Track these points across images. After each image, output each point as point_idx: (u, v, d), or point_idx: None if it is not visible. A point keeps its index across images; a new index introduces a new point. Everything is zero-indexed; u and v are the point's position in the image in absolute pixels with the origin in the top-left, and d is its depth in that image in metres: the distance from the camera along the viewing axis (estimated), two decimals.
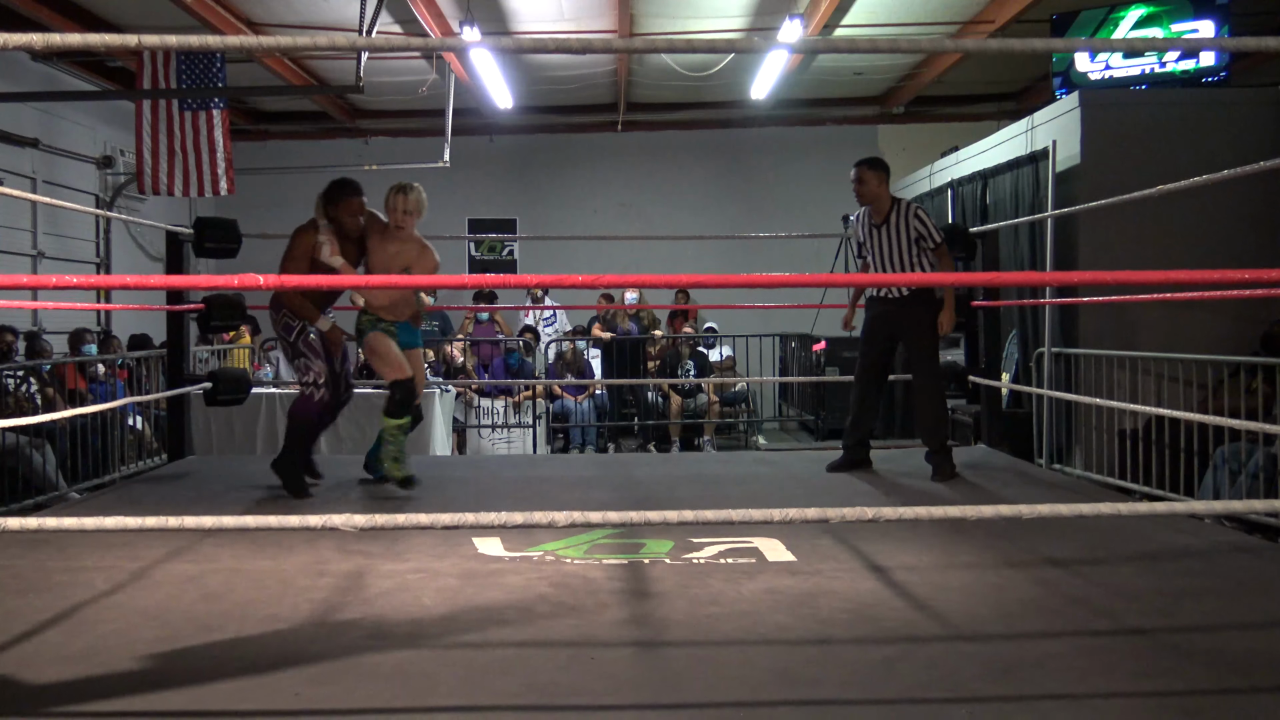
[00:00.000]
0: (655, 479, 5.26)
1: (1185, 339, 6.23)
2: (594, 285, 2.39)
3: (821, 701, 2.28)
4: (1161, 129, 6.83)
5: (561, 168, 12.35)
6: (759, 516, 2.37)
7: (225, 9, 7.85)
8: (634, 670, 2.47)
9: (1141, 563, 3.38)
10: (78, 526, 2.22)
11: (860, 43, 2.41)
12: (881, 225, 5.02)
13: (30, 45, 2.07)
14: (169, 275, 5.66)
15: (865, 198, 5.04)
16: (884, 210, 5.02)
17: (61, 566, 3.35)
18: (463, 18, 7.80)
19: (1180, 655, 2.54)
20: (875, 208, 5.05)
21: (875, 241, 5.04)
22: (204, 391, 5.51)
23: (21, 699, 2.29)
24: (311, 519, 2.32)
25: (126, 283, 2.18)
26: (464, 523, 2.37)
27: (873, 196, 5.03)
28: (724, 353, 10.14)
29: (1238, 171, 3.55)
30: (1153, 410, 4.91)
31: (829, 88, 11.05)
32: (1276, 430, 3.92)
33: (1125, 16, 7.44)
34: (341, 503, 4.46)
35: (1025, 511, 2.21)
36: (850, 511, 2.31)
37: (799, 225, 10.66)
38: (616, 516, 2.30)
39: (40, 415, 4.70)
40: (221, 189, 8.19)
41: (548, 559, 3.48)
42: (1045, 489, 4.91)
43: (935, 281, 4.85)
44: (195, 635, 2.68)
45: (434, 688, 2.35)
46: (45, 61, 9.07)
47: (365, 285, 4.54)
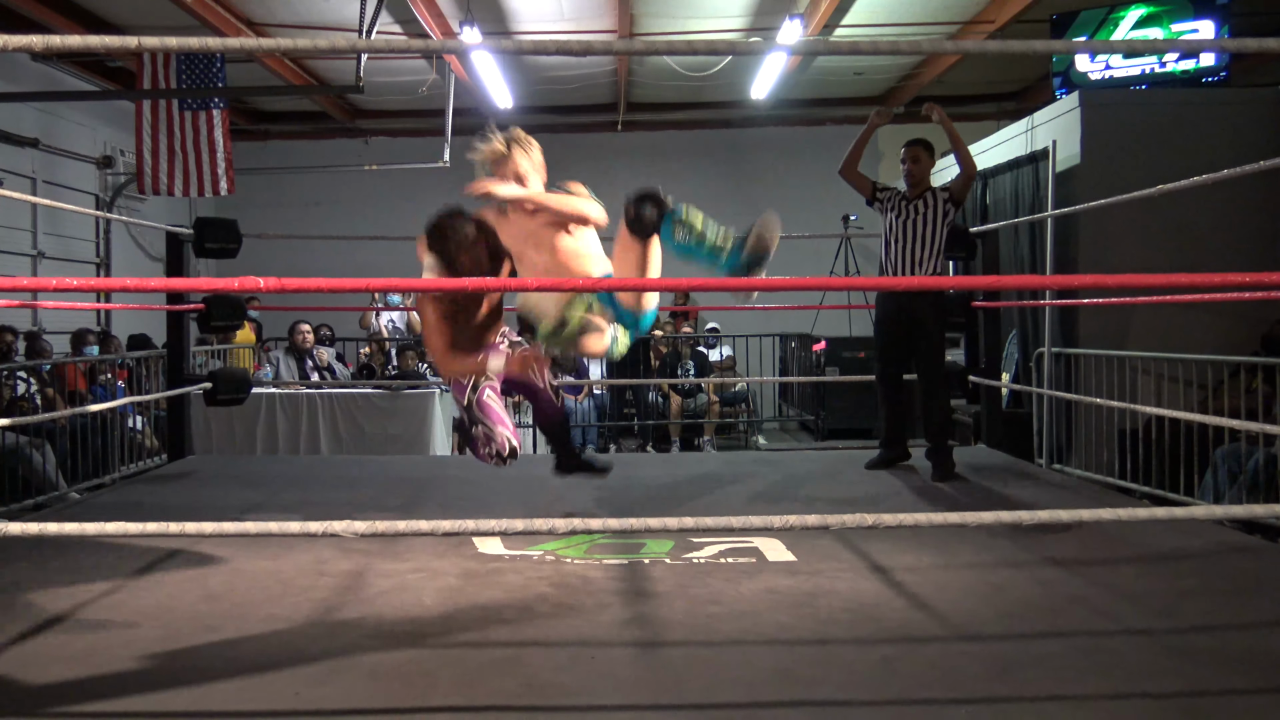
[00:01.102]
0: (655, 479, 5.26)
1: (1185, 339, 6.24)
2: (594, 288, 2.40)
3: (821, 702, 2.28)
4: (1161, 129, 6.83)
5: (561, 168, 12.23)
6: (759, 523, 2.36)
7: (225, 9, 7.85)
8: (634, 670, 2.47)
9: (1141, 563, 3.38)
10: (78, 532, 2.22)
11: (860, 45, 2.42)
12: (916, 200, 5.06)
13: (30, 46, 2.07)
14: (169, 278, 5.66)
15: (916, 175, 5.10)
16: (921, 189, 5.09)
17: (61, 566, 3.35)
18: (463, 18, 7.80)
19: (1180, 655, 2.54)
20: (914, 184, 5.10)
21: (907, 217, 5.05)
22: (204, 391, 5.51)
23: (21, 699, 2.29)
24: (312, 525, 2.32)
25: (126, 285, 2.18)
26: (464, 529, 2.37)
27: (922, 175, 5.10)
28: (724, 353, 10.14)
29: (1238, 171, 3.55)
30: (1153, 410, 4.91)
31: (829, 88, 11.05)
32: (1276, 430, 3.92)
33: (1125, 17, 7.44)
34: (343, 504, 4.46)
35: (1025, 518, 2.21)
36: (850, 518, 2.31)
37: (799, 225, 10.57)
38: (616, 523, 2.30)
39: (40, 415, 4.69)
40: (221, 189, 8.20)
41: (548, 559, 3.48)
42: (1045, 489, 4.91)
43: (944, 284, 4.88)
44: (195, 635, 2.68)
45: (434, 687, 2.35)
46: (45, 61, 9.07)
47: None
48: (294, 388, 7.75)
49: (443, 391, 8.01)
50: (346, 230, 11.53)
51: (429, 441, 7.56)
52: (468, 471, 5.76)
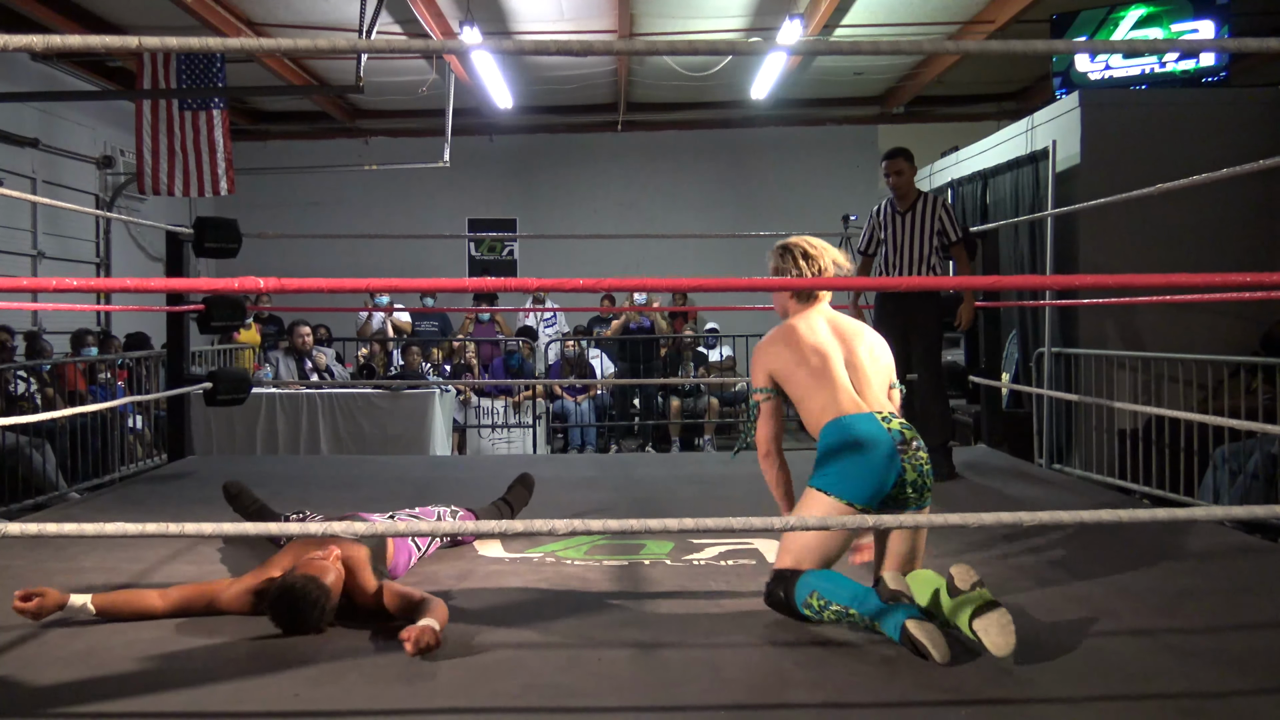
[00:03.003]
0: (655, 479, 5.26)
1: (1185, 339, 6.23)
2: (594, 289, 2.40)
3: (821, 704, 2.28)
4: (1161, 129, 6.83)
5: (561, 168, 12.34)
6: (759, 524, 2.36)
7: (225, 9, 7.85)
8: (634, 671, 2.47)
9: (1141, 563, 3.38)
10: (78, 532, 2.22)
11: (861, 44, 2.42)
12: (906, 213, 5.04)
13: (30, 46, 2.07)
14: (169, 278, 5.66)
15: (902, 188, 5.07)
16: (910, 199, 5.06)
17: (61, 567, 3.35)
18: (463, 18, 7.80)
19: (1181, 655, 2.54)
20: (902, 196, 5.08)
21: (896, 229, 5.05)
22: (204, 391, 5.51)
23: (21, 699, 2.29)
24: (312, 525, 2.32)
25: (126, 285, 2.18)
26: (464, 530, 2.38)
27: (908, 186, 5.08)
28: (724, 353, 10.14)
29: (1237, 171, 3.55)
30: (1153, 410, 4.91)
31: (829, 88, 11.05)
32: (1276, 430, 3.92)
33: (1125, 17, 7.44)
34: (343, 504, 4.45)
35: (1025, 518, 2.21)
36: (850, 519, 2.31)
37: (799, 225, 10.51)
38: (616, 524, 2.30)
39: (40, 415, 4.69)
40: (221, 189, 8.20)
41: (548, 560, 3.48)
42: (1045, 489, 4.91)
43: (941, 285, 4.87)
44: (195, 635, 2.68)
45: (434, 688, 2.35)
46: (45, 61, 9.07)
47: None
48: (294, 388, 7.75)
49: (443, 392, 8.02)
50: (346, 230, 11.54)
51: (429, 441, 7.56)
52: (468, 472, 5.77)
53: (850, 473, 2.71)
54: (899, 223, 5.05)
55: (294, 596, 2.64)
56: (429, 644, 2.46)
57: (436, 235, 11.83)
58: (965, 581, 2.50)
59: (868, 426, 2.75)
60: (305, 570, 2.71)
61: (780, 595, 2.77)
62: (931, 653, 2.43)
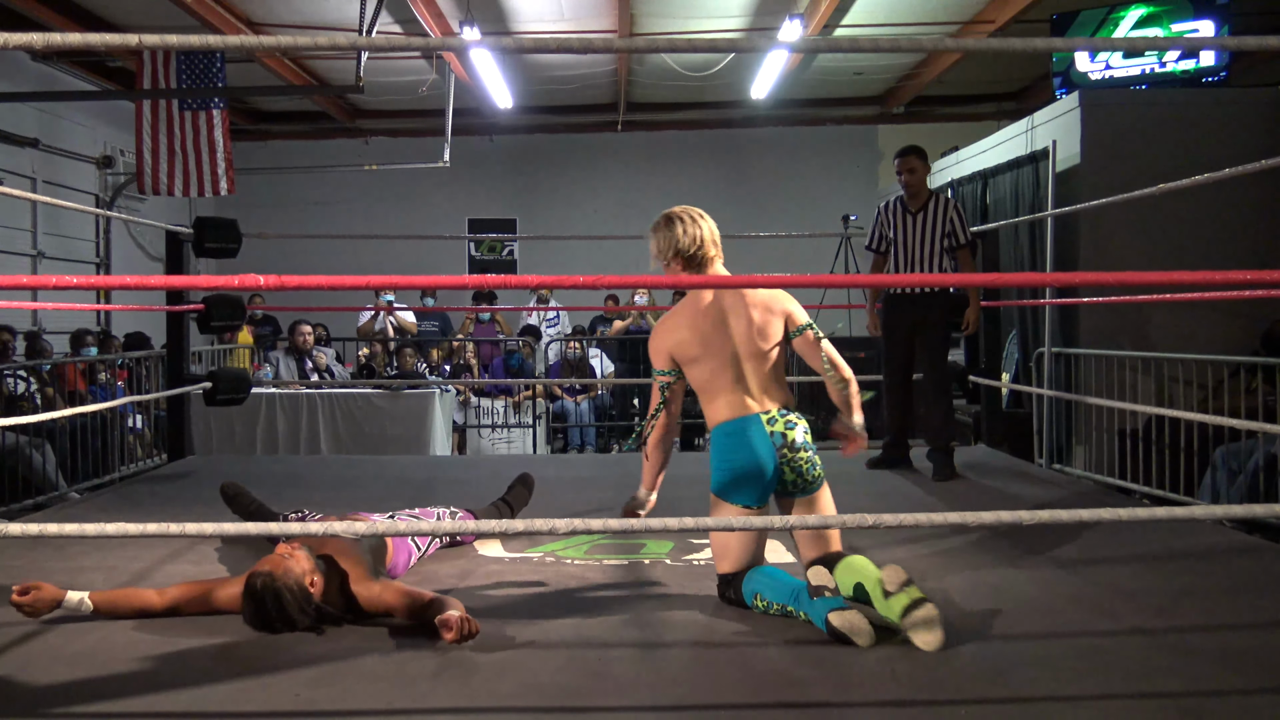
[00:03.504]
0: None
1: (1186, 338, 6.23)
2: (595, 286, 2.40)
3: (821, 703, 2.28)
4: (1161, 129, 6.83)
5: (561, 168, 12.34)
6: (759, 523, 2.37)
7: (225, 9, 7.85)
8: (633, 671, 2.46)
9: (1141, 563, 3.38)
10: (78, 532, 2.22)
11: (861, 42, 2.41)
12: (918, 213, 5.02)
13: (30, 45, 2.08)
14: (169, 275, 5.66)
15: (914, 186, 5.04)
16: (922, 199, 5.04)
17: (61, 567, 3.35)
18: (463, 17, 7.80)
19: (1180, 655, 2.54)
20: (914, 195, 5.05)
21: (907, 229, 5.02)
22: (204, 391, 5.51)
23: (21, 699, 2.29)
24: (312, 525, 2.32)
25: (126, 283, 2.19)
26: (465, 530, 2.38)
27: (920, 185, 5.05)
28: None
29: (1238, 171, 3.55)
30: (1153, 410, 4.91)
31: (829, 88, 11.05)
32: (1276, 430, 3.92)
33: (1125, 16, 7.44)
34: (343, 504, 4.45)
35: (1025, 518, 2.21)
36: (850, 518, 2.31)
37: (799, 225, 10.65)
38: (616, 524, 2.30)
39: (40, 415, 4.68)
40: (221, 189, 8.19)
41: (548, 560, 3.48)
42: (1045, 489, 4.91)
43: (949, 282, 4.87)
44: (195, 635, 2.68)
45: (434, 688, 2.35)
46: (45, 61, 9.07)
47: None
48: (294, 388, 7.75)
49: (443, 392, 8.02)
50: (346, 230, 11.54)
51: (429, 441, 7.55)
52: (468, 472, 5.76)
53: (740, 482, 2.92)
54: (910, 223, 5.03)
55: (253, 595, 2.64)
56: (470, 631, 2.50)
57: (436, 235, 11.83)
58: (894, 583, 2.61)
59: (753, 433, 2.92)
60: (261, 566, 2.70)
61: (731, 597, 2.92)
62: (855, 640, 2.55)
